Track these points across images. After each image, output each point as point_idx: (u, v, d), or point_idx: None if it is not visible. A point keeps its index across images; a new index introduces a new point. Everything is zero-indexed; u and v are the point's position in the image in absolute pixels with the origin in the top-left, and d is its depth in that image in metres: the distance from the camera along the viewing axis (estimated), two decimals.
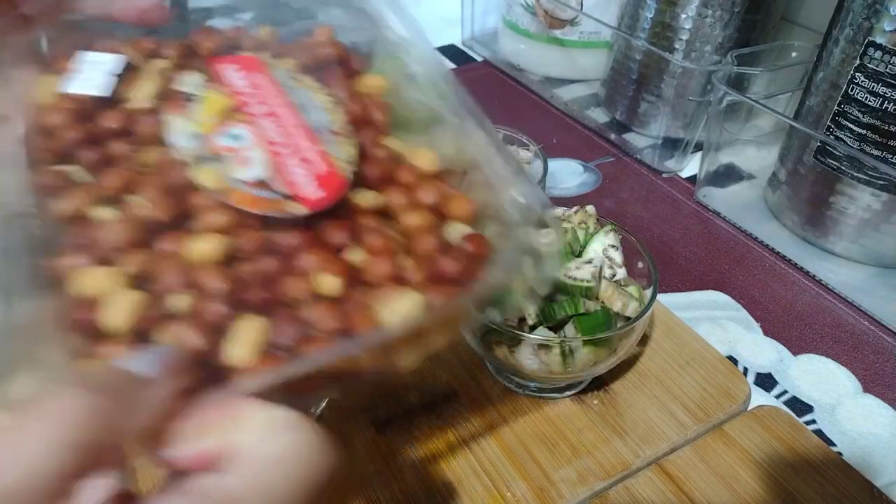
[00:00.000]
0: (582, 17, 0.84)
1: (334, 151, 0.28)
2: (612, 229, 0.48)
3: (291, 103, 0.29)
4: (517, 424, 0.47)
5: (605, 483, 0.43)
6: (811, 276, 0.61)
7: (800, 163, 0.62)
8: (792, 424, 0.46)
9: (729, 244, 0.65)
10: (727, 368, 0.50)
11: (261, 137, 0.27)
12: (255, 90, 0.29)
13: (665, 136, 0.76)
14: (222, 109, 0.28)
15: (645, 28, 0.74)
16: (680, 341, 0.52)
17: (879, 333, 0.55)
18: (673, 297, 0.59)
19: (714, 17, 0.69)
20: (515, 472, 0.44)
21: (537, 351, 0.43)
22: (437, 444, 0.45)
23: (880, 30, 0.52)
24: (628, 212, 0.69)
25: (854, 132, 0.56)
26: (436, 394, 0.49)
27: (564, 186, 0.73)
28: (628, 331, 0.43)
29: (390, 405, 0.48)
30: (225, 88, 0.29)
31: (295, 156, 0.27)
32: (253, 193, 0.26)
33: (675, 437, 0.46)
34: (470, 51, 1.02)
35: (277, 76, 0.30)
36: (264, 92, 0.29)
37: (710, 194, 0.70)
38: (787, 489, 0.43)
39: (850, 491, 0.42)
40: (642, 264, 0.48)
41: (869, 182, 0.57)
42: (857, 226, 0.59)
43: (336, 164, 0.27)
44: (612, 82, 0.82)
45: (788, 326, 0.56)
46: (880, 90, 0.53)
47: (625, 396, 0.48)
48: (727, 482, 0.43)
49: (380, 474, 0.44)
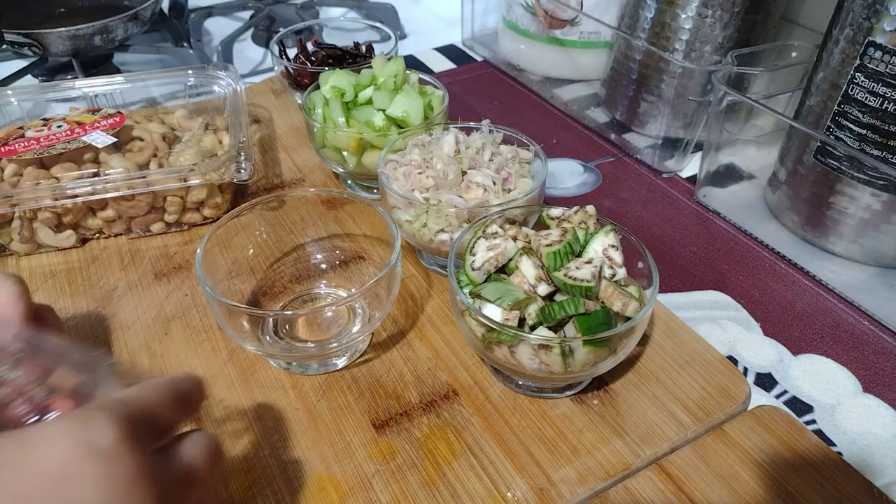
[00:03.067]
0: (582, 17, 0.84)
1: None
2: (612, 229, 0.48)
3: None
4: (517, 424, 0.47)
5: (605, 483, 0.43)
6: (811, 276, 0.61)
7: (800, 163, 0.62)
8: (792, 424, 0.46)
9: (729, 244, 0.65)
10: (727, 368, 0.50)
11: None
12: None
13: (665, 136, 0.76)
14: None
15: (645, 28, 0.74)
16: (680, 341, 0.52)
17: (879, 333, 0.55)
18: (673, 297, 0.59)
19: (714, 17, 0.69)
20: (515, 472, 0.44)
21: (537, 351, 0.43)
22: (437, 444, 0.45)
23: (880, 30, 0.52)
24: (628, 212, 0.69)
25: (854, 132, 0.56)
26: (436, 394, 0.49)
27: (564, 186, 0.73)
28: (628, 331, 0.43)
29: (390, 405, 0.48)
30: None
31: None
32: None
33: (675, 437, 0.46)
34: (470, 51, 1.02)
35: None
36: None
37: (710, 194, 0.70)
38: (787, 489, 0.43)
39: (850, 491, 0.42)
40: (642, 264, 0.48)
41: (869, 182, 0.57)
42: (857, 226, 0.59)
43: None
44: (612, 82, 0.82)
45: (788, 326, 0.56)
46: (880, 90, 0.53)
47: (625, 396, 0.48)
48: (727, 482, 0.43)
49: (380, 474, 0.44)
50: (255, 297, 0.56)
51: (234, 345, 0.53)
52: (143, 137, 0.64)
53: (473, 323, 0.45)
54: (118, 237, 0.64)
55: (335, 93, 0.65)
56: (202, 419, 0.47)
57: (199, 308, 0.56)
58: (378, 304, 0.50)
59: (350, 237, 0.61)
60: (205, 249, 0.49)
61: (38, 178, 0.59)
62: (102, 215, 0.61)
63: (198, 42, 1.03)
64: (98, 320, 0.55)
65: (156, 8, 0.90)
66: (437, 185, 0.55)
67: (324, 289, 0.57)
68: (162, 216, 0.63)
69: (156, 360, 0.52)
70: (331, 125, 0.65)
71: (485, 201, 0.54)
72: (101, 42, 0.84)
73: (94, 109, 0.66)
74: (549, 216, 0.51)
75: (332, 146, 0.64)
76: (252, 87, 0.89)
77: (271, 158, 0.75)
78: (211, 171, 0.60)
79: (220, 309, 0.46)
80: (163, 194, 0.61)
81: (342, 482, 0.43)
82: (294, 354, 0.52)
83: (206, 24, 1.11)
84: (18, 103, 0.71)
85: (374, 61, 0.67)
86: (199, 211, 0.64)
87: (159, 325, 0.55)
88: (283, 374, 0.50)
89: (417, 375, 0.50)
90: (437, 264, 0.60)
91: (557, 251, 0.45)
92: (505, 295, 0.44)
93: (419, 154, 0.58)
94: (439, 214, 0.53)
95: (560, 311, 0.43)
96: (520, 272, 0.46)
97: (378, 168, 0.58)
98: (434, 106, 0.67)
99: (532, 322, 0.44)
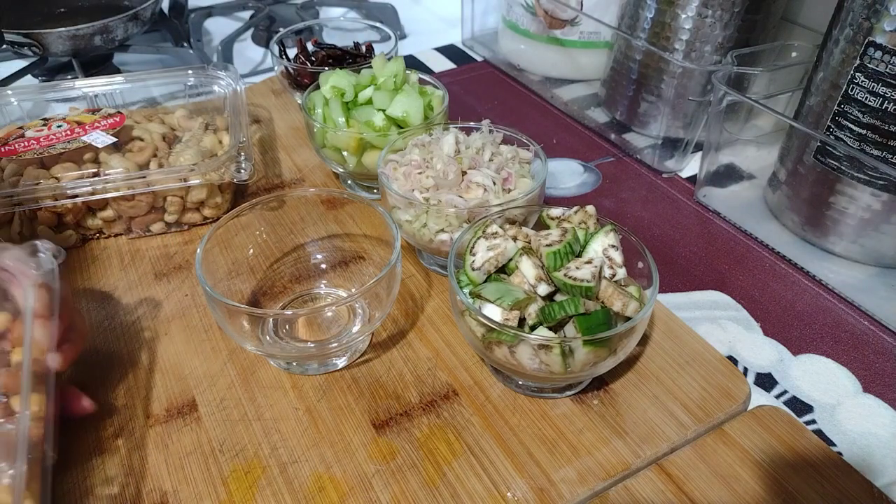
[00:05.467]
0: (582, 17, 0.84)
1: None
2: (612, 229, 0.48)
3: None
4: (517, 424, 0.47)
5: (605, 483, 0.43)
6: (811, 276, 0.61)
7: (800, 163, 0.62)
8: (792, 424, 0.46)
9: (729, 244, 0.65)
10: (727, 368, 0.50)
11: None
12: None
13: (665, 136, 0.76)
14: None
15: (645, 28, 0.74)
16: (680, 341, 0.52)
17: (879, 333, 0.55)
18: (673, 297, 0.59)
19: (714, 17, 0.69)
20: (515, 472, 0.44)
21: (537, 351, 0.43)
22: (437, 444, 0.45)
23: (880, 30, 0.52)
24: (628, 212, 0.69)
25: (854, 132, 0.56)
26: (436, 394, 0.49)
27: (564, 186, 0.73)
28: (628, 331, 0.43)
29: (390, 405, 0.48)
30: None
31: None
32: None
33: (675, 437, 0.46)
34: (470, 51, 1.02)
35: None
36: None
37: (710, 194, 0.70)
38: (787, 489, 0.43)
39: (850, 491, 0.42)
40: (642, 264, 0.48)
41: (869, 182, 0.57)
42: (857, 226, 0.59)
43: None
44: (612, 82, 0.82)
45: (788, 326, 0.56)
46: (880, 90, 0.53)
47: (625, 396, 0.48)
48: (727, 482, 0.43)
49: (380, 474, 0.44)
50: (254, 297, 0.56)
51: (234, 345, 0.53)
52: (143, 137, 0.64)
53: (473, 323, 0.45)
54: (118, 237, 0.64)
55: (335, 93, 0.65)
56: (202, 420, 0.47)
57: (199, 308, 0.56)
58: (378, 304, 0.50)
59: (350, 237, 0.61)
60: (205, 249, 0.49)
61: (38, 178, 0.59)
62: (102, 215, 0.61)
63: (198, 42, 1.03)
64: (98, 320, 0.55)
65: (156, 8, 0.90)
66: (437, 185, 0.55)
67: (324, 289, 0.57)
68: (162, 216, 0.63)
69: (156, 360, 0.52)
70: (331, 125, 0.65)
71: (485, 201, 0.54)
72: (101, 42, 0.84)
73: (94, 109, 0.66)
74: (549, 216, 0.51)
75: (332, 146, 0.64)
76: (252, 87, 0.89)
77: (271, 158, 0.75)
78: (211, 171, 0.60)
79: (220, 309, 0.46)
80: (163, 194, 0.61)
81: (342, 482, 0.43)
82: (294, 354, 0.52)
83: (206, 24, 1.11)
84: (18, 103, 0.71)
85: (374, 61, 0.67)
86: (199, 211, 0.64)
87: (159, 325, 0.55)
88: (283, 374, 0.50)
89: (417, 375, 0.50)
90: (437, 264, 0.60)
91: (557, 251, 0.45)
92: (505, 295, 0.44)
93: (419, 154, 0.58)
94: (439, 214, 0.53)
95: (560, 311, 0.43)
96: (520, 272, 0.46)
97: (378, 168, 0.58)
98: (434, 106, 0.67)
99: (532, 322, 0.44)
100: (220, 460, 0.45)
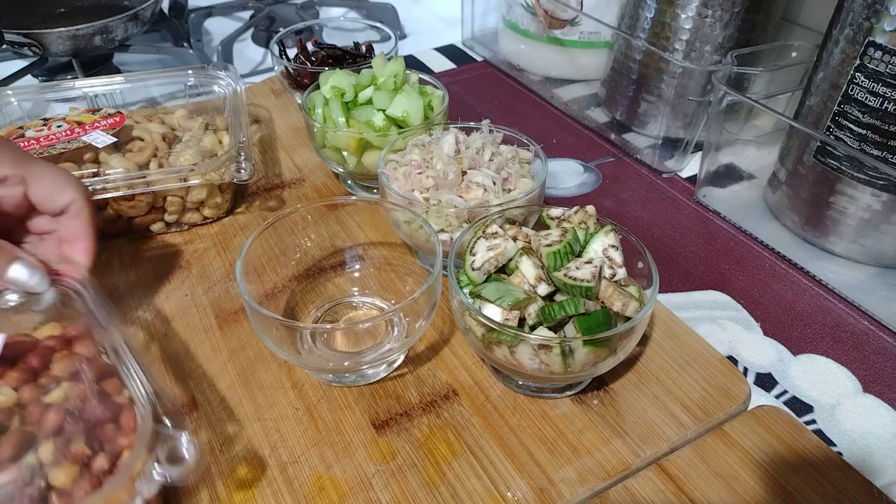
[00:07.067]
0: (582, 17, 0.84)
1: None
2: (612, 229, 0.48)
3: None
4: (517, 424, 0.47)
5: (605, 483, 0.43)
6: (811, 276, 0.61)
7: (800, 163, 0.62)
8: (792, 424, 0.46)
9: (729, 244, 0.65)
10: (727, 368, 0.50)
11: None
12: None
13: (665, 136, 0.76)
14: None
15: (645, 28, 0.74)
16: (680, 341, 0.52)
17: (879, 333, 0.55)
18: (673, 297, 0.59)
19: (714, 17, 0.69)
20: (515, 472, 0.44)
21: (537, 351, 0.43)
22: (437, 444, 0.45)
23: (880, 30, 0.52)
24: (628, 212, 0.69)
25: (854, 132, 0.56)
26: (436, 394, 0.49)
27: (564, 186, 0.73)
28: (628, 331, 0.43)
29: (390, 405, 0.48)
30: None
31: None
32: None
33: (675, 437, 0.46)
34: (470, 51, 1.02)
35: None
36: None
37: (710, 194, 0.70)
38: (787, 489, 0.43)
39: (850, 491, 0.42)
40: (642, 264, 0.48)
41: (869, 182, 0.57)
42: (857, 226, 0.59)
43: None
44: (612, 82, 0.82)
45: (788, 326, 0.56)
46: (880, 90, 0.53)
47: (625, 396, 0.48)
48: (727, 482, 0.43)
49: (380, 474, 0.44)
50: (288, 305, 0.55)
51: (235, 345, 0.53)
52: (143, 137, 0.64)
53: (473, 323, 0.45)
54: (118, 237, 0.64)
55: (335, 93, 0.65)
56: (202, 420, 0.47)
57: (199, 308, 0.56)
58: (417, 316, 0.49)
59: (387, 245, 0.61)
60: (244, 260, 0.48)
61: None
62: (102, 215, 0.61)
63: (198, 42, 1.03)
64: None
65: (156, 8, 0.90)
66: (437, 185, 0.55)
67: (357, 297, 0.56)
68: (162, 216, 0.63)
69: (156, 360, 0.52)
70: (331, 125, 0.65)
71: (485, 201, 0.54)
72: (101, 42, 0.84)
73: (94, 109, 0.66)
74: (549, 216, 0.51)
75: (332, 146, 0.64)
76: (252, 87, 0.89)
77: (271, 158, 0.75)
78: (211, 171, 0.60)
79: (259, 320, 0.45)
80: (163, 194, 0.61)
81: (342, 482, 0.43)
82: (330, 367, 0.51)
83: (206, 24, 1.11)
84: (18, 103, 0.71)
85: (374, 61, 0.67)
86: (198, 211, 0.64)
87: (159, 325, 0.55)
88: (283, 374, 0.50)
89: (417, 375, 0.50)
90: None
91: (557, 251, 0.45)
92: (505, 295, 0.44)
93: (419, 154, 0.58)
94: (439, 214, 0.53)
95: (560, 311, 0.43)
96: (520, 272, 0.46)
97: (378, 168, 0.58)
98: (434, 106, 0.67)
99: (532, 322, 0.44)
100: (220, 460, 0.45)
